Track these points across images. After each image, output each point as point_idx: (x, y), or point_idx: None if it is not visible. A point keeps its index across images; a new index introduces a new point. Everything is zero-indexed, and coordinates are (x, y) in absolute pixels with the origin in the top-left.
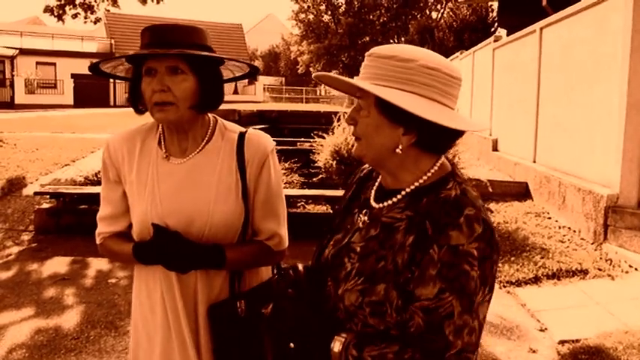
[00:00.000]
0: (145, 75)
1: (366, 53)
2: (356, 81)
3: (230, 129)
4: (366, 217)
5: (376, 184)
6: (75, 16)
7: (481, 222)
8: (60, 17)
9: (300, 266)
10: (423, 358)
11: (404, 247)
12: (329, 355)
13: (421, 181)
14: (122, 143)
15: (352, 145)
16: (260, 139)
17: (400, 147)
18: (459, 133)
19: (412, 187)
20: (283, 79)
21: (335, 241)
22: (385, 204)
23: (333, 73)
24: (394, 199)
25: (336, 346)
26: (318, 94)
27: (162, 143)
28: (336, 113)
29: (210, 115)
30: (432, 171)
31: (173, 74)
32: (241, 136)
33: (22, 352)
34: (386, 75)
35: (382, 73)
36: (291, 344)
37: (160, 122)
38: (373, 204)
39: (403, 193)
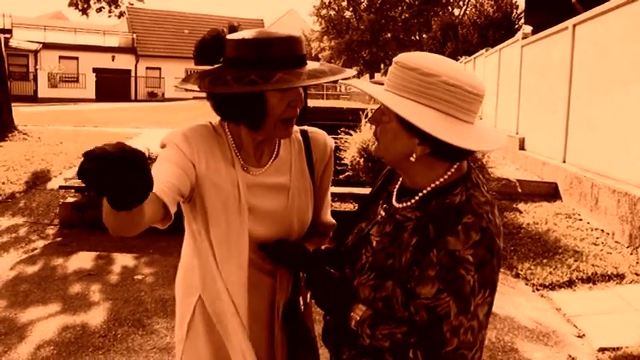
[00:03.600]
0: (274, 91)
1: (394, 59)
2: (375, 93)
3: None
4: (383, 212)
5: (400, 180)
6: (99, 10)
7: (479, 230)
8: (84, 11)
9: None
10: (423, 348)
11: (408, 247)
12: (347, 320)
13: (437, 182)
14: (202, 140)
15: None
16: (325, 138)
17: (414, 155)
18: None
19: (427, 189)
20: None
21: (358, 229)
22: (402, 205)
23: (361, 81)
24: (411, 201)
25: (356, 314)
26: (338, 90)
27: (237, 152)
28: (363, 110)
29: None
30: (447, 175)
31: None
32: (304, 135)
33: (50, 349)
34: (408, 87)
35: (405, 84)
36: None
37: (282, 138)
38: (393, 201)
39: (418, 195)
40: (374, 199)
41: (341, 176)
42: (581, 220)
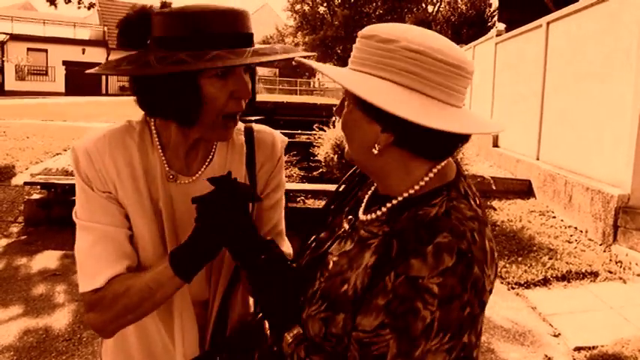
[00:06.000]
0: (210, 75)
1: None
2: (323, 68)
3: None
4: (347, 225)
5: (374, 186)
6: (68, 0)
7: (454, 253)
8: (52, 2)
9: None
10: None
11: (366, 269)
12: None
13: (411, 191)
14: (112, 151)
15: None
16: (274, 138)
17: (377, 147)
18: (458, 136)
19: (400, 198)
20: (277, 70)
21: (317, 243)
22: (369, 216)
23: (312, 62)
24: (379, 212)
25: (290, 336)
26: (311, 85)
27: (164, 158)
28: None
29: None
30: (425, 180)
31: (245, 74)
32: (249, 134)
33: (9, 354)
34: (364, 58)
35: (362, 55)
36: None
37: (224, 140)
38: (360, 212)
39: (389, 205)
40: (340, 206)
41: (315, 173)
42: (554, 217)
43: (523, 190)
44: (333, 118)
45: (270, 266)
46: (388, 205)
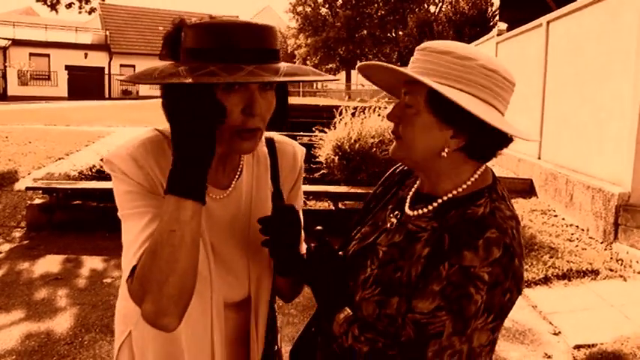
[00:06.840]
0: (223, 89)
1: (418, 47)
2: (413, 73)
3: None
4: (395, 220)
5: (415, 185)
6: (69, 5)
7: (501, 246)
8: (53, 7)
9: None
10: None
11: (420, 258)
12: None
13: (458, 190)
14: (155, 157)
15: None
16: (294, 149)
17: (446, 150)
18: (505, 142)
19: (446, 197)
20: None
21: (362, 235)
22: (416, 212)
23: (385, 63)
24: (426, 209)
25: (341, 317)
26: (314, 87)
27: None
28: (337, 107)
29: None
30: (470, 181)
31: (263, 91)
32: (270, 145)
33: (11, 358)
34: (441, 71)
35: (437, 68)
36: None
37: (244, 152)
38: (406, 208)
39: (436, 203)
40: (379, 204)
41: (316, 174)
42: (556, 216)
43: (525, 189)
44: (334, 119)
45: (322, 254)
46: (436, 203)
